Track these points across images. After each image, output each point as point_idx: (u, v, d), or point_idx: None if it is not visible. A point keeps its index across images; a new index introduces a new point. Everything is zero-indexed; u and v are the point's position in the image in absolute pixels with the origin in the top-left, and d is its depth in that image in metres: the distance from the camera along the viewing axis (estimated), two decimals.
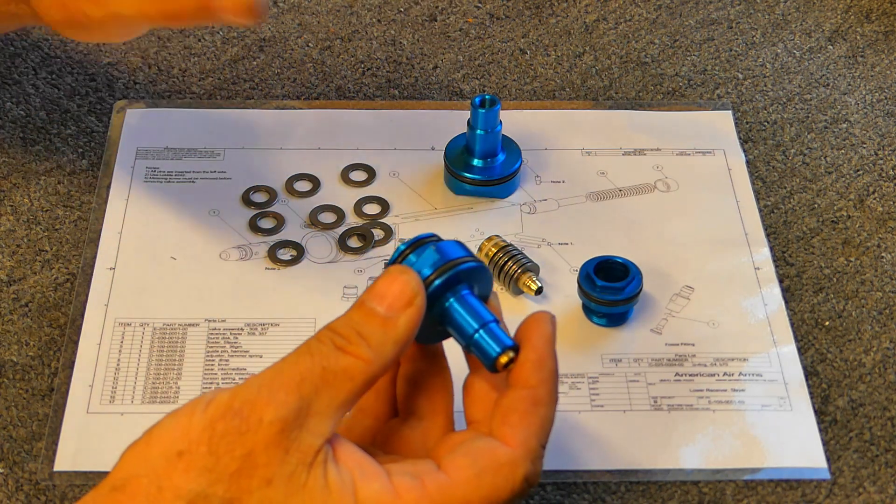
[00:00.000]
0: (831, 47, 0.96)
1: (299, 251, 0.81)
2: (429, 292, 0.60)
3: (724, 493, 0.71)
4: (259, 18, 0.69)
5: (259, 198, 0.84)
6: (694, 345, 0.77)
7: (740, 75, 0.94)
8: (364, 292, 0.59)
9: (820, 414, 0.74)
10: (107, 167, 0.86)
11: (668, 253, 0.82)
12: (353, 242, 0.82)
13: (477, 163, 0.84)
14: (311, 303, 0.78)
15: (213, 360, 0.75)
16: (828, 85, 0.93)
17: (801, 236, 0.83)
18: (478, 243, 0.80)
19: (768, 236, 0.83)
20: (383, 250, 0.81)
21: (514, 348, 0.61)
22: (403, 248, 0.61)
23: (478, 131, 0.82)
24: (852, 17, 0.98)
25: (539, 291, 0.78)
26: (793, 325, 0.78)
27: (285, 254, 0.81)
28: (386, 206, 0.84)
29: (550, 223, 0.83)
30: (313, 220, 0.83)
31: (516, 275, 0.78)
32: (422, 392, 0.63)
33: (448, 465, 0.58)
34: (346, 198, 0.84)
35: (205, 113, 0.90)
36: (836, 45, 0.96)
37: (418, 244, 0.61)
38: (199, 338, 0.76)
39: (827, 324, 0.79)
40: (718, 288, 0.80)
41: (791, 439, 0.72)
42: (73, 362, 0.75)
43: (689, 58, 0.95)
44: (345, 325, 0.59)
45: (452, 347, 0.63)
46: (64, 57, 0.92)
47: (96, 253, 0.81)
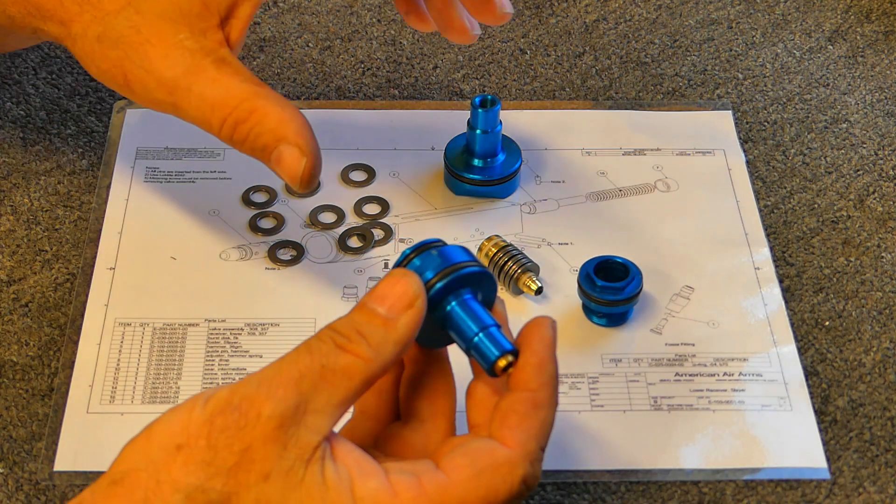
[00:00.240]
0: (831, 47, 0.96)
1: (299, 251, 0.81)
2: (430, 295, 0.60)
3: (724, 493, 0.70)
4: (304, 187, 0.70)
5: (259, 198, 0.84)
6: (694, 345, 0.77)
7: (740, 75, 0.94)
8: (366, 294, 0.60)
9: (820, 414, 0.74)
10: (107, 167, 0.86)
11: (668, 253, 0.82)
12: (353, 242, 0.82)
13: (477, 163, 0.84)
14: (311, 303, 0.78)
15: (213, 360, 0.75)
16: (828, 85, 0.93)
17: (801, 236, 0.83)
18: (478, 243, 0.80)
19: (768, 236, 0.83)
20: (383, 250, 0.81)
21: (514, 352, 0.61)
22: (408, 253, 0.62)
23: (478, 131, 0.82)
24: (852, 17, 0.98)
25: (539, 291, 0.78)
26: (793, 325, 0.78)
27: (285, 254, 0.81)
28: (386, 206, 0.84)
29: (550, 223, 0.83)
30: (313, 220, 0.83)
31: (516, 275, 0.78)
32: (424, 395, 0.63)
33: (446, 464, 0.58)
34: (346, 198, 0.84)
35: None
36: (836, 45, 0.96)
37: (422, 249, 0.62)
38: (199, 338, 0.76)
39: (827, 324, 0.79)
40: (718, 288, 0.80)
41: (791, 439, 0.72)
42: (73, 362, 0.75)
43: (689, 58, 0.95)
44: (346, 325, 0.59)
45: (458, 353, 0.63)
46: (64, 57, 0.92)
47: (96, 253, 0.81)
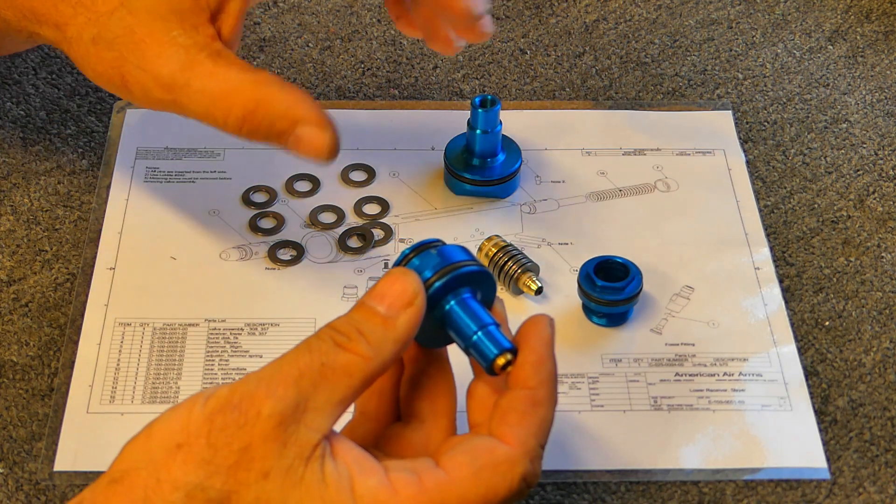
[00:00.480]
0: (831, 47, 0.96)
1: (299, 251, 0.81)
2: (429, 294, 0.60)
3: (724, 493, 0.70)
4: (331, 159, 0.70)
5: (259, 198, 0.84)
6: (694, 345, 0.77)
7: (740, 75, 0.94)
8: (365, 293, 0.60)
9: (820, 414, 0.74)
10: (107, 167, 0.86)
11: (668, 253, 0.82)
12: (353, 242, 0.82)
13: (477, 163, 0.84)
14: (311, 303, 0.78)
15: (213, 360, 0.75)
16: (828, 85, 0.93)
17: (801, 236, 0.83)
18: (478, 243, 0.80)
19: (768, 236, 0.83)
20: (383, 250, 0.81)
21: (513, 351, 0.61)
22: (407, 252, 0.62)
23: (478, 131, 0.82)
24: (852, 17, 0.98)
25: (539, 291, 0.78)
26: (793, 325, 0.78)
27: (285, 254, 0.81)
28: (386, 206, 0.84)
29: (550, 223, 0.83)
30: (313, 220, 0.83)
31: (516, 275, 0.78)
32: (425, 395, 0.63)
33: (446, 462, 0.58)
34: (346, 198, 0.84)
35: None
36: (836, 45, 0.96)
37: (422, 248, 0.62)
38: (199, 338, 0.76)
39: (827, 324, 0.79)
40: (718, 288, 0.80)
41: (791, 439, 0.72)
42: (73, 362, 0.75)
43: (689, 58, 0.95)
44: (345, 323, 0.59)
45: (458, 353, 0.63)
46: (64, 57, 0.92)
47: (96, 253, 0.81)
